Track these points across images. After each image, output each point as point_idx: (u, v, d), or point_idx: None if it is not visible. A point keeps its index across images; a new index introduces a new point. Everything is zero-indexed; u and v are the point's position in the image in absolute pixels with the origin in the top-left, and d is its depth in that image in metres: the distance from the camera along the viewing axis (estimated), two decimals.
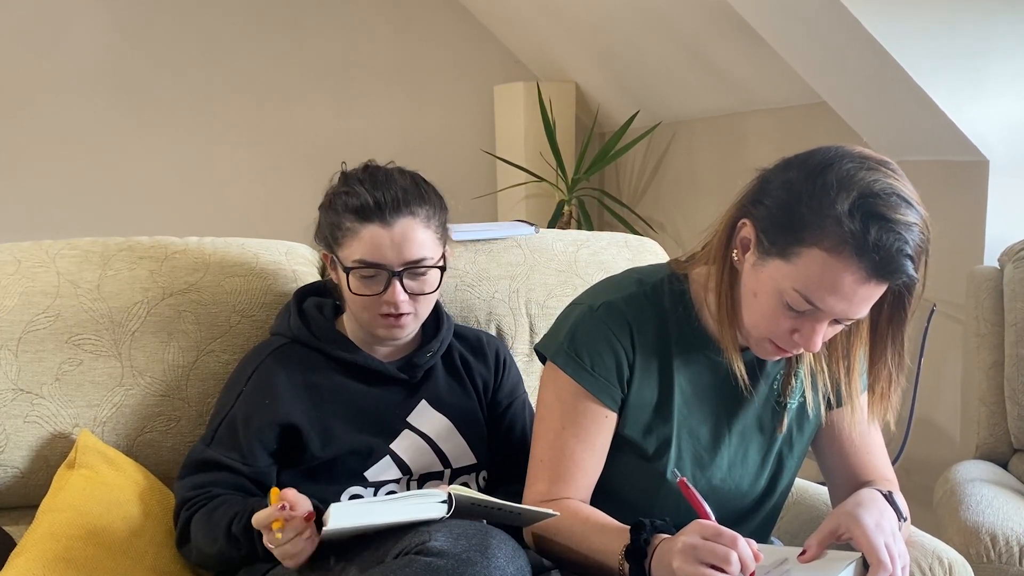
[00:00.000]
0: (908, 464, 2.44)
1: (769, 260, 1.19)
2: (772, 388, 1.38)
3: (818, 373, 1.34)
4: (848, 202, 1.11)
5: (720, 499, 1.34)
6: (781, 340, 1.22)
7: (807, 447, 1.43)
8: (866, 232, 1.11)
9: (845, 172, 1.14)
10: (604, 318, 1.31)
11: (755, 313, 1.23)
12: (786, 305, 1.18)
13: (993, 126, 2.38)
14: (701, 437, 1.35)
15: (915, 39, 2.27)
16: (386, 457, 1.45)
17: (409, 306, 1.43)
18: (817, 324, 1.19)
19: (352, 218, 1.42)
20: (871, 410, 1.30)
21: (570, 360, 1.31)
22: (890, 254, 1.12)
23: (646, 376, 1.32)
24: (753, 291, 1.22)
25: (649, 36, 3.48)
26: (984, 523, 1.77)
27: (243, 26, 4.22)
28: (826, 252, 1.13)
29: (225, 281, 1.62)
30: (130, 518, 1.43)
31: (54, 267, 1.57)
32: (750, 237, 1.21)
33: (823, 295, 1.15)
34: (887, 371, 1.27)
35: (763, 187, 1.21)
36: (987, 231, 2.43)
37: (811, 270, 1.14)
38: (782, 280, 1.17)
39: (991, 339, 2.19)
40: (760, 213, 1.20)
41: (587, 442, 1.32)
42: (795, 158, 1.20)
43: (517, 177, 4.17)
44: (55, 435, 1.53)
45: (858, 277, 1.13)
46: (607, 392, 1.31)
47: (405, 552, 1.14)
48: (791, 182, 1.17)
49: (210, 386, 1.58)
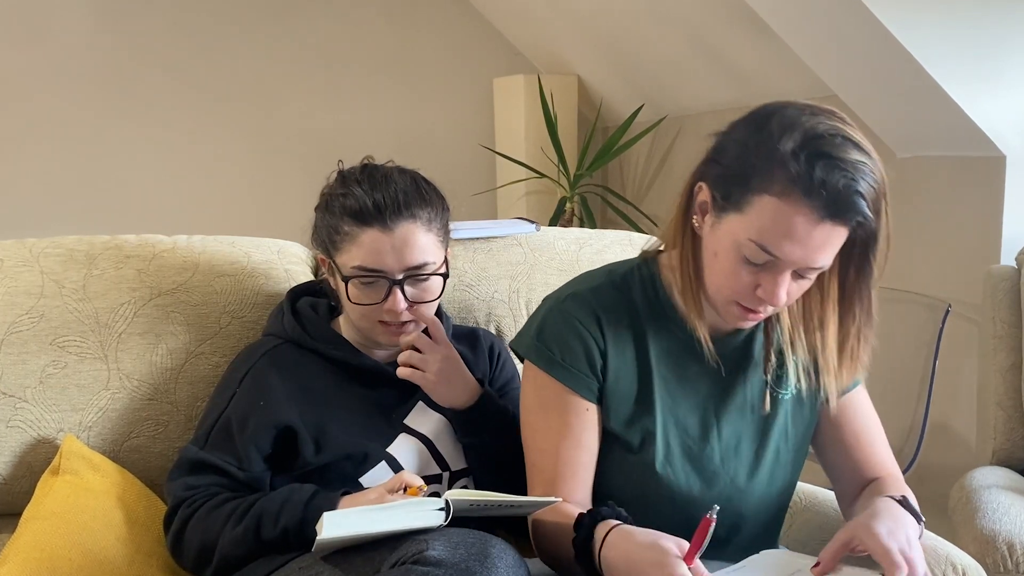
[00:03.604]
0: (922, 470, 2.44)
1: (725, 216, 1.22)
2: (760, 375, 1.38)
3: (796, 344, 1.35)
4: (793, 145, 1.15)
5: (718, 494, 1.35)
6: (746, 299, 1.25)
7: (806, 440, 1.44)
8: (811, 171, 1.14)
9: (789, 118, 1.18)
10: (570, 309, 1.34)
11: (717, 274, 1.25)
12: (745, 259, 1.21)
13: (1010, 120, 2.38)
14: (690, 428, 1.36)
15: (929, 30, 2.27)
16: (382, 462, 1.45)
17: (410, 315, 1.43)
18: (778, 276, 1.21)
19: (350, 222, 1.41)
20: (841, 369, 1.32)
21: (541, 355, 1.34)
22: (838, 191, 1.14)
23: (622, 365, 1.34)
24: (713, 251, 1.25)
25: (654, 27, 3.48)
26: (1001, 531, 1.77)
27: (233, 16, 4.21)
28: (776, 197, 1.16)
29: (215, 281, 1.62)
30: (116, 526, 1.43)
31: (38, 266, 1.57)
32: (707, 199, 1.25)
33: (778, 241, 1.17)
34: (856, 328, 1.30)
35: (715, 149, 1.26)
36: (1004, 229, 2.43)
37: (764, 217, 1.18)
38: (738, 232, 1.20)
39: (1008, 341, 2.20)
40: (713, 172, 1.24)
41: (572, 439, 1.33)
42: (743, 116, 1.24)
43: (517, 173, 4.17)
44: (39, 440, 1.53)
45: (810, 219, 1.15)
46: (582, 383, 1.33)
47: (402, 562, 1.14)
48: (738, 137, 1.22)
49: (199, 389, 1.58)
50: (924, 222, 2.72)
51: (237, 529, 1.33)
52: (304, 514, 1.31)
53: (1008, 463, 2.19)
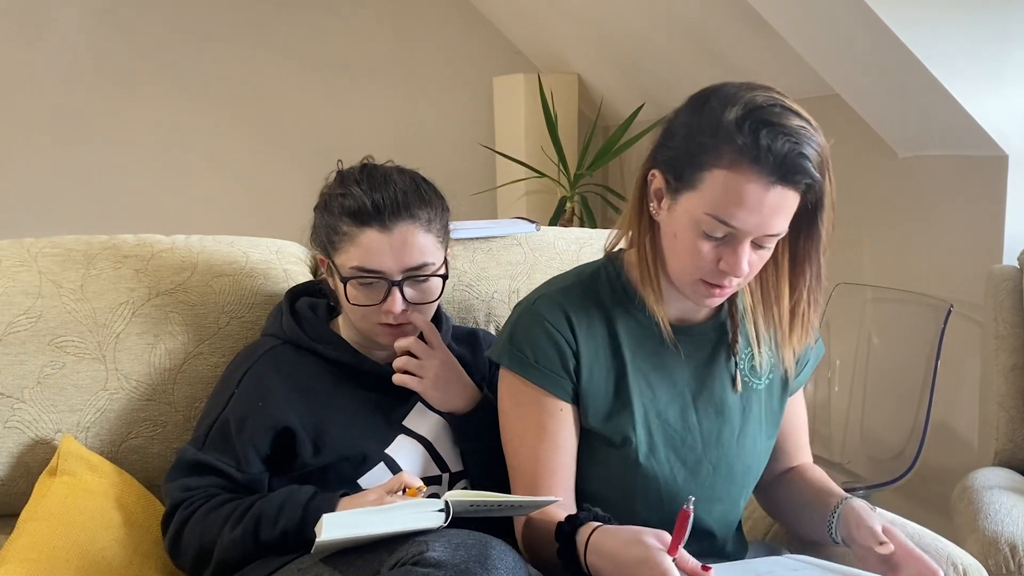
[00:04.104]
0: (924, 471, 2.44)
1: (680, 196, 1.26)
2: (736, 363, 1.41)
3: (759, 321, 1.38)
4: (735, 118, 1.20)
5: (702, 482, 1.38)
6: (710, 275, 1.27)
7: (777, 427, 1.47)
8: (756, 140, 1.18)
9: (728, 94, 1.23)
10: (540, 311, 1.36)
11: (679, 254, 1.28)
12: (704, 235, 1.24)
13: (1013, 119, 2.38)
14: (670, 418, 1.37)
15: (931, 28, 2.27)
16: (380, 464, 1.45)
17: (409, 316, 1.44)
18: (738, 247, 1.24)
19: (349, 222, 1.41)
20: (792, 335, 1.36)
21: (514, 358, 1.36)
22: (785, 155, 1.19)
23: (596, 363, 1.36)
24: (673, 233, 1.28)
25: (655, 25, 3.48)
26: (1004, 533, 1.77)
27: (232, 14, 4.21)
28: (726, 169, 1.21)
29: (213, 281, 1.62)
30: (114, 527, 1.43)
31: (35, 266, 1.57)
32: (661, 185, 1.29)
33: (733, 211, 1.21)
34: (807, 292, 1.33)
35: (663, 135, 1.30)
36: (1006, 229, 2.43)
37: (716, 190, 1.22)
38: (695, 209, 1.24)
39: (1011, 341, 2.20)
40: (664, 157, 1.29)
41: (550, 441, 1.35)
42: (684, 102, 1.29)
43: (517, 172, 4.17)
44: (36, 441, 1.53)
45: (761, 185, 1.20)
46: (557, 384, 1.35)
47: (401, 563, 1.14)
48: (683, 120, 1.27)
49: (198, 390, 1.58)
50: (926, 222, 2.72)
51: (236, 531, 1.33)
52: (303, 515, 1.31)
53: (1010, 464, 2.19)
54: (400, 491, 1.30)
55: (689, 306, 1.37)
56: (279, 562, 1.32)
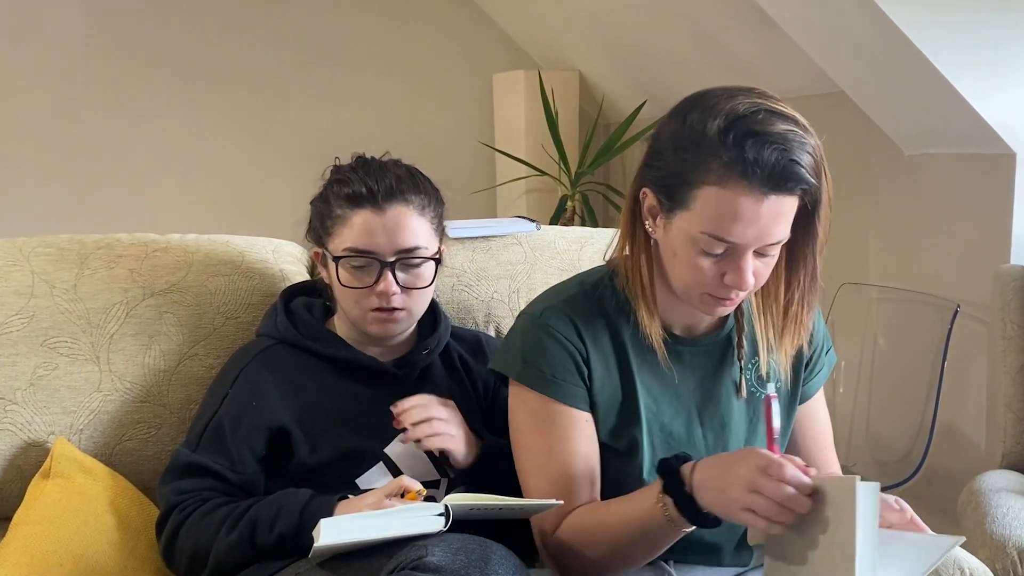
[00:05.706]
0: (930, 474, 2.44)
1: (674, 215, 1.24)
2: (741, 369, 1.40)
3: (759, 323, 1.37)
4: (718, 131, 1.18)
5: None
6: (715, 289, 1.26)
7: (787, 439, 1.45)
8: (742, 152, 1.16)
9: (707, 106, 1.20)
10: (549, 322, 1.34)
11: (681, 271, 1.27)
12: (703, 252, 1.23)
13: (1021, 117, 2.38)
14: (675, 432, 1.37)
15: (938, 25, 2.27)
16: (379, 463, 1.45)
17: (401, 300, 1.44)
18: (740, 260, 1.23)
19: (343, 204, 1.43)
20: (784, 335, 1.35)
21: (530, 374, 1.34)
22: (774, 164, 1.16)
23: (605, 374, 1.35)
24: (672, 251, 1.27)
25: (657, 21, 3.48)
26: (1011, 536, 1.77)
27: (228, 11, 4.21)
28: (716, 186, 1.19)
29: (209, 281, 1.62)
30: (108, 530, 1.43)
31: (28, 266, 1.57)
32: (654, 203, 1.27)
33: (729, 226, 1.20)
34: (801, 293, 1.32)
35: (649, 153, 1.29)
36: (1014, 228, 2.43)
37: (709, 208, 1.20)
38: (690, 228, 1.23)
39: (1018, 342, 2.19)
40: (652, 176, 1.27)
41: (573, 452, 1.33)
42: (666, 114, 1.27)
43: (517, 171, 4.17)
44: (29, 443, 1.53)
45: (753, 198, 1.18)
46: (576, 395, 1.33)
47: (400, 568, 1.14)
48: (667, 135, 1.25)
49: (193, 391, 1.58)
50: (933, 221, 2.71)
51: (231, 535, 1.33)
52: (300, 520, 1.31)
53: (1018, 467, 2.18)
54: (399, 494, 1.29)
55: (694, 315, 1.36)
56: (276, 566, 1.32)
